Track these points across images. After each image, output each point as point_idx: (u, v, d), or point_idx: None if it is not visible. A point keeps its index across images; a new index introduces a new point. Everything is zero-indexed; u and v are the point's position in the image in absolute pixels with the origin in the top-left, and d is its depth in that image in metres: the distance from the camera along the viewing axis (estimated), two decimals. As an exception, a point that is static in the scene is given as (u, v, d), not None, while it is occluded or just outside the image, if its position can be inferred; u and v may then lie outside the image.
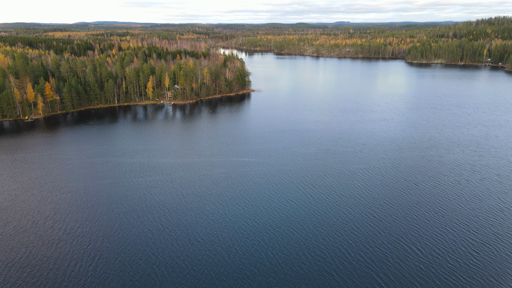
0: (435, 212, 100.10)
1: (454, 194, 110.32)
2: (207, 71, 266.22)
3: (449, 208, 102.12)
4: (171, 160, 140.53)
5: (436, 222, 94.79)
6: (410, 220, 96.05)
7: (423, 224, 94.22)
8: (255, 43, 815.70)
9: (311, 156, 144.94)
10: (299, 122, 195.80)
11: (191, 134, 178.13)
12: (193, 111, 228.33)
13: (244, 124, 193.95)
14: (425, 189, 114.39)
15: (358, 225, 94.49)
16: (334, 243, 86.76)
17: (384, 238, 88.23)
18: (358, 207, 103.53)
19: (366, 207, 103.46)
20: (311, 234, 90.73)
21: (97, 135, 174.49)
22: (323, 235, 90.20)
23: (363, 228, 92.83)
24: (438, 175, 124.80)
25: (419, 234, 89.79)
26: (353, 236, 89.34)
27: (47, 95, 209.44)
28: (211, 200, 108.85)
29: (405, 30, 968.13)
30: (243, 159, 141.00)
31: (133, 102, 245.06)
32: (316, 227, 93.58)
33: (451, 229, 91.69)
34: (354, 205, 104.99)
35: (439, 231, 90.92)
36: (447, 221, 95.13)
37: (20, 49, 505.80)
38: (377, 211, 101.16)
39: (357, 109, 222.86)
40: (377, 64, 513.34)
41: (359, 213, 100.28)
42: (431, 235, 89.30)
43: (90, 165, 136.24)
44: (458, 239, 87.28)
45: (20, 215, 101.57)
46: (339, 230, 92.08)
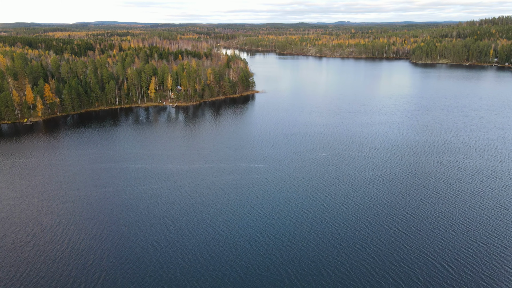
0: (462, 223, 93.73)
1: (478, 204, 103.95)
2: (211, 72, 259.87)
3: (475, 219, 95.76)
4: (177, 166, 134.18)
5: (464, 235, 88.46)
6: (435, 233, 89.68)
7: (450, 237, 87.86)
8: (257, 43, 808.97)
9: (322, 161, 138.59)
10: (307, 125, 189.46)
11: (196, 137, 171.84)
12: (197, 113, 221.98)
13: (251, 127, 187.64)
14: (447, 198, 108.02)
15: (380, 238, 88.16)
16: (356, 258, 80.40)
17: (410, 254, 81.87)
18: (378, 218, 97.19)
19: (386, 218, 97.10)
20: (330, 248, 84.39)
21: (99, 139, 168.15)
22: (343, 249, 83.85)
23: (386, 242, 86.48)
24: (459, 182, 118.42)
25: (447, 248, 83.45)
26: (376, 251, 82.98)
27: (46, 97, 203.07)
28: (221, 210, 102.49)
29: (407, 30, 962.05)
30: (252, 165, 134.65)
31: (135, 104, 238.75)
32: (335, 240, 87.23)
33: (482, 242, 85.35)
34: (373, 215, 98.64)
35: (469, 245, 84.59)
36: (476, 234, 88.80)
37: (19, 49, 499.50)
38: (399, 223, 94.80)
39: (366, 111, 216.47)
40: (381, 64, 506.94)
41: (380, 225, 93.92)
42: (461, 250, 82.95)
43: (92, 171, 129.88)
44: (491, 254, 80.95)
45: (18, 227, 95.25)
46: (360, 244, 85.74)
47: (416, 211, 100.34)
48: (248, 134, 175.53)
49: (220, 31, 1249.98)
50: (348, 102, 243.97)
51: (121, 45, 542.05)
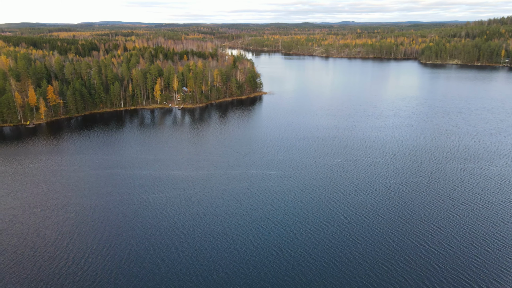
0: (497, 239, 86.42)
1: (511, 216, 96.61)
2: (218, 73, 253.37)
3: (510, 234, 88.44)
4: (185, 173, 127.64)
5: (501, 252, 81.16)
6: (469, 250, 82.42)
7: (486, 255, 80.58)
8: (262, 43, 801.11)
9: (338, 168, 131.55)
10: (319, 128, 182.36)
11: (204, 142, 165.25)
12: (204, 115, 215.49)
13: (260, 131, 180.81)
14: (477, 210, 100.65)
15: (408, 255, 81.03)
16: (383, 278, 73.37)
17: (443, 274, 74.73)
18: (404, 232, 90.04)
19: (413, 232, 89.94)
20: (354, 265, 77.43)
21: (103, 143, 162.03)
22: (368, 266, 76.85)
23: (415, 259, 79.36)
24: (486, 192, 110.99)
25: (485, 267, 76.20)
26: (405, 269, 75.87)
27: (49, 99, 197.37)
28: (233, 222, 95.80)
29: (413, 30, 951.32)
30: (264, 172, 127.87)
31: (140, 105, 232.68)
32: (360, 257, 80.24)
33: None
34: (398, 229, 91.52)
35: (509, 263, 77.32)
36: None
37: (24, 49, 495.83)
38: (428, 237, 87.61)
39: (379, 114, 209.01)
40: (389, 64, 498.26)
41: (407, 240, 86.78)
42: (498, 269, 75.72)
43: (96, 178, 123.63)
44: (531, 276, 73.72)
45: (18, 240, 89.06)
46: (387, 261, 78.70)
47: (444, 225, 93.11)
48: (258, 138, 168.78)
49: (224, 31, 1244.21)
50: (359, 104, 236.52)
51: (125, 45, 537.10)
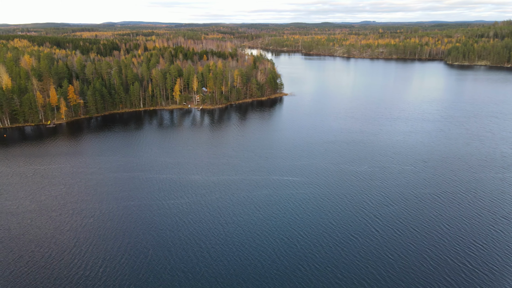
0: (546, 261, 77.99)
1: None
2: (238, 73, 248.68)
3: (562, 255, 79.77)
4: (205, 177, 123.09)
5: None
6: (516, 273, 74.46)
7: (536, 280, 72.48)
8: (282, 43, 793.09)
9: (365, 175, 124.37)
10: (343, 132, 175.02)
11: (224, 144, 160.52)
12: (223, 117, 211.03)
13: (282, 134, 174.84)
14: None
15: (450, 275, 73.67)
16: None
17: (490, 301, 67.27)
18: (443, 249, 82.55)
19: (454, 250, 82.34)
20: (390, 285, 70.83)
21: (122, 144, 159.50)
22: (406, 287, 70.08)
23: (458, 281, 71.96)
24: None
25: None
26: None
27: (70, 99, 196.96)
28: (255, 232, 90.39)
29: (438, 30, 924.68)
30: (287, 178, 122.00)
31: (159, 106, 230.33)
32: (396, 275, 73.42)
33: None
34: (437, 245, 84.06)
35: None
36: None
37: (47, 49, 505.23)
38: (471, 257, 79.85)
39: (406, 117, 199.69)
40: (414, 65, 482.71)
41: (446, 257, 79.34)
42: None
43: (115, 181, 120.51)
44: None
45: (34, 246, 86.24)
46: (427, 282, 71.62)
47: (487, 242, 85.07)
48: (279, 141, 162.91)
49: (244, 31, 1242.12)
50: (384, 107, 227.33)
51: (146, 45, 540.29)
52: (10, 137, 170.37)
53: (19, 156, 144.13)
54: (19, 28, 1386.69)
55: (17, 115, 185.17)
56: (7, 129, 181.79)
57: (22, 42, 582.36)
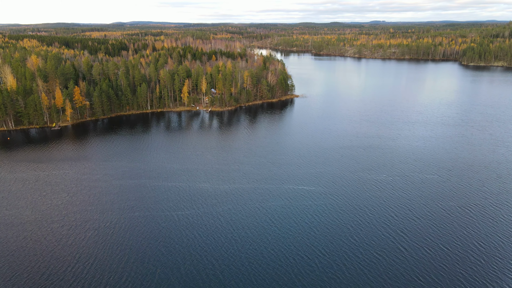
0: None
1: None
2: (248, 74, 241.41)
3: None
4: (215, 186, 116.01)
5: None
6: None
7: None
8: (291, 43, 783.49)
9: (385, 185, 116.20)
10: (359, 136, 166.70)
11: (235, 150, 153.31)
12: (233, 120, 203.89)
13: (295, 138, 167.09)
14: None
15: (490, 307, 65.54)
16: None
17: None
18: (480, 272, 74.23)
19: (491, 271, 74.00)
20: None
21: (128, 149, 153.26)
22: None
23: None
24: None
25: None
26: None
27: (76, 101, 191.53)
28: (272, 249, 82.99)
29: (450, 30, 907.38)
30: (302, 187, 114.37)
31: (167, 108, 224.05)
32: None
33: None
34: (473, 267, 75.72)
35: None
36: None
37: (56, 49, 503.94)
38: (510, 283, 71.57)
39: (425, 121, 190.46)
40: (428, 66, 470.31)
41: (485, 282, 71.07)
42: None
43: (120, 189, 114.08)
44: None
45: (33, 262, 79.98)
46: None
47: (528, 265, 76.51)
48: (292, 146, 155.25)
49: (252, 31, 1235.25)
50: (401, 110, 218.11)
51: (154, 45, 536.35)
52: (14, 140, 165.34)
53: (22, 161, 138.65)
54: (29, 28, 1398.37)
55: (22, 117, 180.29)
56: (11, 131, 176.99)
57: (31, 42, 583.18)
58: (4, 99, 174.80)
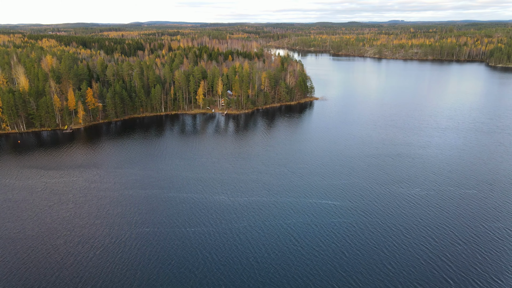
0: None
1: None
2: (266, 76, 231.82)
3: None
4: (232, 198, 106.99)
5: None
6: None
7: None
8: (309, 43, 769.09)
9: (420, 200, 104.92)
10: (385, 143, 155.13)
11: (253, 157, 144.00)
12: (250, 123, 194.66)
13: (317, 145, 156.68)
14: None
15: None
16: None
17: None
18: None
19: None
20: None
21: (141, 155, 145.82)
22: None
23: None
24: None
25: None
26: None
27: (88, 103, 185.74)
28: (297, 276, 73.25)
29: (474, 29, 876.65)
30: (327, 202, 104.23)
31: (181, 110, 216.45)
32: None
33: None
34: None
35: None
36: None
37: (73, 48, 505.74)
38: None
39: (457, 128, 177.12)
40: (453, 67, 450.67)
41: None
42: None
43: (130, 200, 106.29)
44: None
45: (34, 283, 72.42)
46: None
47: None
48: (314, 154, 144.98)
49: (269, 31, 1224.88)
50: (429, 114, 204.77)
51: (170, 45, 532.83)
52: (25, 143, 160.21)
53: (30, 167, 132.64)
54: (50, 28, 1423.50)
55: (33, 119, 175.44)
56: (22, 134, 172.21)
57: (50, 42, 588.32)
58: (16, 101, 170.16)
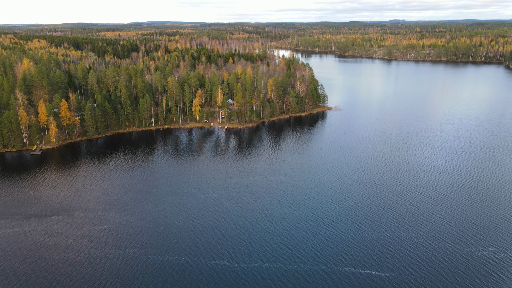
0: None
1: None
2: (272, 83, 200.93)
3: None
4: (236, 264, 76.43)
5: None
6: None
7: None
8: (313, 43, 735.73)
9: (503, 268, 74.40)
10: (428, 170, 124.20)
11: (263, 192, 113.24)
12: (255, 141, 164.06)
13: (341, 171, 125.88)
14: None
15: None
16: None
17: None
18: None
19: None
20: None
21: (123, 190, 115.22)
22: None
23: None
24: None
25: None
26: None
27: (63, 117, 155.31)
28: None
29: (481, 29, 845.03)
30: (369, 272, 73.72)
31: (174, 124, 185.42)
32: None
33: None
34: None
35: None
36: None
37: (63, 50, 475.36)
38: None
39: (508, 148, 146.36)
40: (471, 70, 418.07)
41: None
42: None
43: (94, 271, 75.86)
44: None
45: None
46: None
47: None
48: (340, 184, 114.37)
49: (270, 30, 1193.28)
50: (467, 129, 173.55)
51: (167, 46, 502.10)
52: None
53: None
54: (47, 28, 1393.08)
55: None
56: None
57: (41, 43, 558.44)
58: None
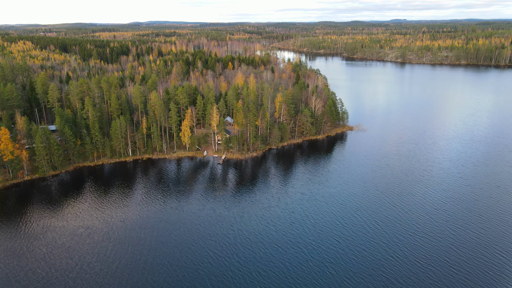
0: None
1: None
2: (282, 99, 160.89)
3: None
4: None
5: None
6: None
7: None
8: (318, 44, 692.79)
9: None
10: (487, 210, 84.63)
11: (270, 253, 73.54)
12: (260, 176, 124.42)
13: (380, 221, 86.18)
14: None
15: None
16: None
17: None
18: None
19: None
20: None
21: (81, 258, 75.70)
22: None
23: None
24: None
25: None
26: None
27: (3, 151, 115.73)
28: None
29: (491, 29, 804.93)
30: None
31: (157, 154, 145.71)
32: None
33: None
34: None
35: None
36: None
37: (47, 53, 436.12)
38: None
39: None
40: (497, 75, 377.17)
41: None
42: None
43: None
44: None
45: None
46: None
47: None
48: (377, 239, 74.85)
49: (271, 30, 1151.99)
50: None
51: (161, 49, 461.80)
52: None
53: None
54: (41, 28, 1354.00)
55: None
56: None
57: (26, 45, 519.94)
58: None
